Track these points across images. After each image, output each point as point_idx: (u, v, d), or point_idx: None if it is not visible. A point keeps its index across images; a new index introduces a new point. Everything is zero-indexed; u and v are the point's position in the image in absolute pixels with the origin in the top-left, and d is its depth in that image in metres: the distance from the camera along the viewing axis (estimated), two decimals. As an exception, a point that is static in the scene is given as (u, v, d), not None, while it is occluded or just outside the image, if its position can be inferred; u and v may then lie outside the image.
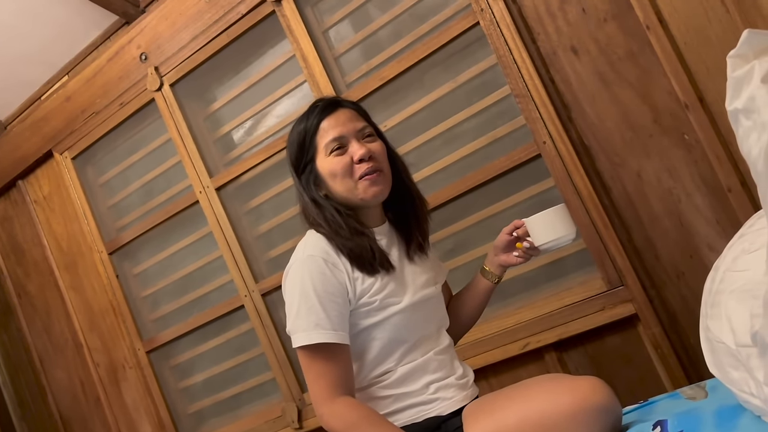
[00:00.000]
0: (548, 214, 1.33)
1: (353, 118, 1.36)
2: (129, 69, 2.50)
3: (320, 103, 1.39)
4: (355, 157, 1.31)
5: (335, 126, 1.33)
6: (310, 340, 1.23)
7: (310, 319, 1.24)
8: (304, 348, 1.25)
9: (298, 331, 1.25)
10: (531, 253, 1.41)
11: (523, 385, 1.28)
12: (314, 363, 1.24)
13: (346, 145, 1.33)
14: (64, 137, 2.70)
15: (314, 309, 1.25)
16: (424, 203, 1.47)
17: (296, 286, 1.28)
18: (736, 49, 0.90)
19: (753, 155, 0.88)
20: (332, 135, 1.33)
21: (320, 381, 1.23)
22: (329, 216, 1.32)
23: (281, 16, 2.17)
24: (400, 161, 1.45)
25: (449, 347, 1.41)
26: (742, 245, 1.13)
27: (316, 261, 1.28)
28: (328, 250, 1.30)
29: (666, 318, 1.73)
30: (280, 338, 2.31)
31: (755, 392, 0.96)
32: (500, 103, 1.93)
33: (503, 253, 1.46)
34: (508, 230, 1.44)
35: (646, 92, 1.70)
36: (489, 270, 1.49)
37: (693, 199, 1.68)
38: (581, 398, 1.12)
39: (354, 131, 1.34)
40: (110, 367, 2.74)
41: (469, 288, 1.54)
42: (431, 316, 1.40)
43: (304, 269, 1.28)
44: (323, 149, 1.34)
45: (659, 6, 1.65)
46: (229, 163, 2.42)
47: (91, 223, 2.70)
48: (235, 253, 2.35)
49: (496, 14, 1.83)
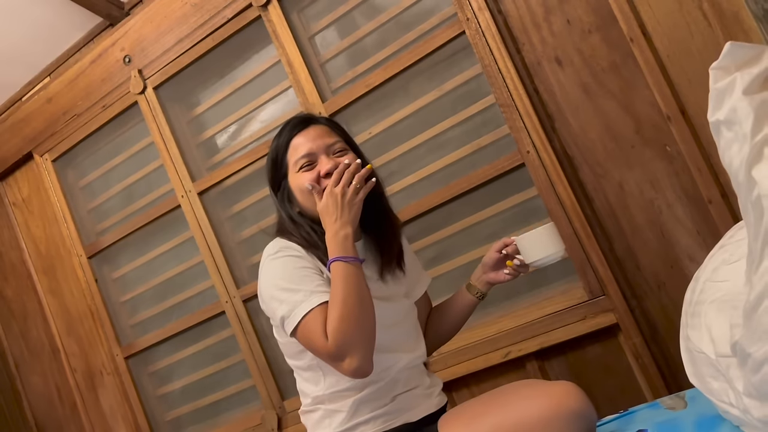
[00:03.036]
0: (539, 232, 1.37)
1: (324, 134, 1.36)
2: (112, 71, 2.48)
3: (292, 119, 1.40)
4: (322, 171, 1.31)
5: (304, 143, 1.34)
6: (312, 304, 1.20)
7: (307, 288, 1.22)
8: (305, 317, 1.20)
9: (299, 304, 1.21)
10: (520, 271, 1.41)
11: (499, 391, 1.29)
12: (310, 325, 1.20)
13: (315, 161, 1.33)
14: (45, 139, 2.67)
15: (304, 281, 1.24)
16: (396, 220, 1.45)
17: (278, 273, 1.27)
18: (718, 61, 0.92)
19: (734, 166, 0.89)
20: (301, 152, 1.33)
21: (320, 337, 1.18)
22: (305, 233, 1.32)
23: (267, 21, 2.16)
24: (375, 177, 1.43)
25: (419, 361, 1.39)
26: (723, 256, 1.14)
27: (288, 251, 1.29)
28: (300, 249, 1.30)
29: (647, 328, 1.74)
30: (261, 345, 2.29)
31: (735, 402, 0.96)
32: (485, 112, 1.94)
33: (492, 270, 1.46)
34: (497, 248, 1.44)
35: (629, 104, 1.72)
36: (475, 286, 1.49)
37: (674, 210, 1.70)
38: (556, 403, 1.12)
39: (324, 147, 1.34)
40: (87, 372, 2.70)
41: (453, 302, 1.54)
42: (401, 329, 1.38)
43: (280, 258, 1.28)
44: (293, 166, 1.35)
45: (643, 19, 1.66)
46: (212, 167, 2.41)
47: (70, 227, 2.67)
48: (217, 258, 2.33)
49: (482, 24, 1.84)
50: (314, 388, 1.33)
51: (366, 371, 1.19)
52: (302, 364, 1.34)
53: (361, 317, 1.19)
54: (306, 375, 1.35)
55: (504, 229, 1.94)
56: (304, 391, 1.37)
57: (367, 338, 1.19)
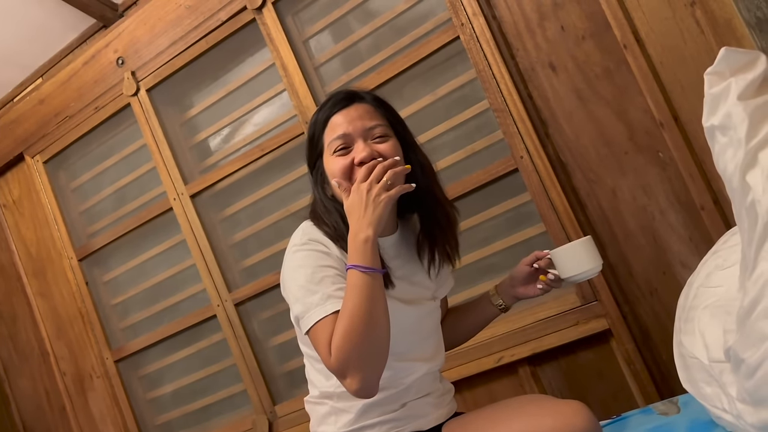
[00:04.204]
0: (575, 245, 1.30)
1: (365, 115, 1.26)
2: (105, 73, 2.47)
3: (336, 95, 1.30)
4: (356, 159, 1.21)
5: (342, 123, 1.24)
6: (326, 311, 1.13)
7: (323, 292, 1.14)
8: (318, 323, 1.13)
9: (313, 307, 1.14)
10: (554, 285, 1.33)
11: (506, 406, 1.27)
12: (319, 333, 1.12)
13: (350, 144, 1.23)
14: (36, 140, 2.65)
15: (324, 282, 1.15)
16: (448, 212, 1.33)
17: (300, 268, 1.19)
18: (713, 66, 0.92)
19: (728, 171, 0.89)
20: (338, 132, 1.24)
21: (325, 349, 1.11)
22: (333, 222, 1.24)
23: (262, 25, 2.16)
24: (426, 166, 1.33)
25: (436, 368, 1.35)
26: (716, 261, 1.14)
27: (315, 245, 1.21)
28: (328, 242, 1.22)
29: (639, 334, 1.74)
30: (252, 349, 2.27)
31: (728, 408, 0.97)
32: (479, 117, 1.94)
33: (522, 285, 1.38)
34: (528, 261, 1.36)
35: (622, 110, 1.72)
36: (501, 299, 1.42)
37: (667, 217, 1.70)
38: (563, 422, 1.10)
39: (362, 130, 1.24)
40: (77, 376, 2.68)
41: (473, 310, 1.48)
42: (424, 333, 1.33)
43: (305, 251, 1.20)
44: (328, 147, 1.25)
45: (636, 26, 1.67)
46: (205, 170, 2.40)
47: (61, 229, 2.65)
48: (209, 261, 2.32)
49: (476, 29, 1.84)
50: (324, 381, 1.28)
51: (369, 393, 1.10)
52: (315, 354, 1.24)
53: (369, 335, 1.08)
54: (318, 366, 1.29)
55: (497, 234, 1.94)
56: (313, 382, 1.32)
57: (373, 358, 1.09)
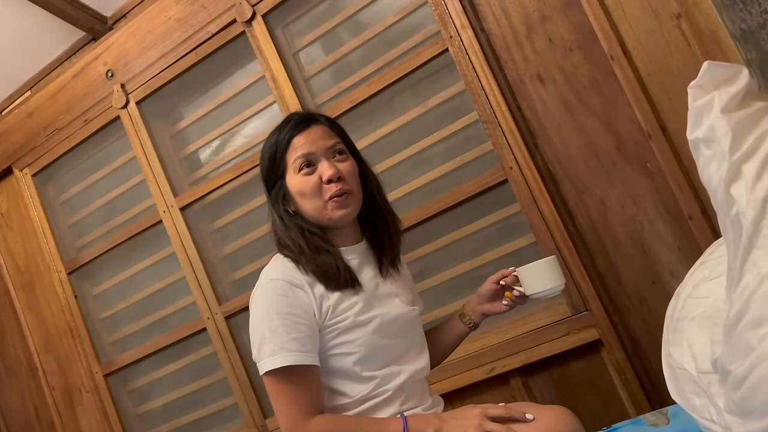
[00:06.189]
0: (540, 264, 1.35)
1: (325, 135, 1.34)
2: (94, 86, 2.46)
3: (294, 117, 1.37)
4: (324, 178, 1.29)
5: (305, 143, 1.31)
6: (275, 364, 1.20)
7: (275, 343, 1.21)
8: (271, 374, 1.21)
9: (264, 357, 1.22)
10: (518, 302, 1.40)
11: None
12: (282, 388, 1.21)
13: (315, 163, 1.31)
14: (25, 153, 2.64)
15: (278, 332, 1.21)
16: (396, 221, 1.45)
17: (259, 312, 1.25)
18: (696, 80, 0.93)
19: (713, 184, 0.89)
20: (301, 152, 1.31)
21: (292, 408, 1.20)
22: (294, 235, 1.31)
23: (251, 37, 2.16)
24: (373, 179, 1.43)
25: (423, 374, 1.38)
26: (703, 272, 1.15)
27: (277, 284, 1.26)
28: (292, 273, 1.28)
29: (629, 343, 1.75)
30: (243, 362, 2.26)
31: (716, 419, 0.97)
32: (468, 129, 1.95)
33: (488, 302, 1.45)
34: (494, 279, 1.43)
35: (610, 121, 1.73)
36: (468, 316, 1.48)
37: (655, 227, 1.71)
38: (548, 428, 1.11)
39: (324, 149, 1.32)
40: (66, 390, 2.65)
41: (443, 330, 1.53)
42: (407, 338, 1.36)
43: (266, 294, 1.26)
44: (293, 166, 1.32)
45: (623, 38, 1.69)
46: (195, 182, 2.39)
47: (50, 242, 2.63)
48: (199, 274, 2.31)
49: (465, 42, 1.85)
50: None
51: None
52: None
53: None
54: None
55: (487, 245, 1.94)
56: None
57: None
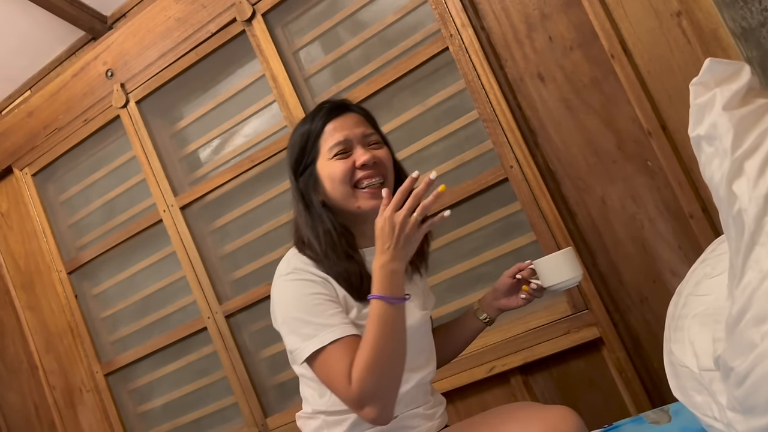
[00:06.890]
0: (557, 256, 1.34)
1: (360, 123, 1.29)
2: (94, 85, 2.46)
3: (327, 104, 1.32)
4: (358, 162, 1.24)
5: (341, 129, 1.27)
6: (323, 342, 1.14)
7: (317, 322, 1.16)
8: (318, 352, 1.15)
9: (307, 339, 1.16)
10: (536, 295, 1.37)
11: (494, 414, 1.27)
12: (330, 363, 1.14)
13: (350, 149, 1.26)
14: (25, 153, 2.64)
15: (314, 312, 1.17)
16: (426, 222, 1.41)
17: (287, 301, 1.21)
18: (698, 77, 0.93)
19: (715, 181, 0.89)
20: (337, 138, 1.26)
21: (342, 379, 1.12)
22: (323, 231, 1.25)
23: (251, 36, 2.16)
24: (404, 174, 1.35)
25: (428, 378, 1.36)
26: (704, 270, 1.15)
27: (299, 273, 1.22)
28: (313, 270, 1.23)
29: (630, 342, 1.75)
30: (244, 361, 2.26)
31: (718, 416, 0.97)
32: (468, 127, 1.95)
33: (505, 296, 1.41)
34: (510, 273, 1.39)
35: (611, 119, 1.73)
36: (484, 311, 1.45)
37: (656, 225, 1.71)
38: (551, 428, 1.11)
39: (360, 136, 1.27)
40: (66, 390, 2.65)
41: (458, 325, 1.49)
42: (418, 345, 1.32)
43: (290, 282, 1.22)
44: (326, 152, 1.27)
45: (623, 36, 1.68)
46: (195, 181, 2.39)
47: (50, 242, 2.63)
48: (199, 273, 2.31)
49: (465, 40, 1.85)
50: (318, 399, 1.29)
51: (387, 421, 1.13)
52: (310, 374, 1.25)
53: (392, 365, 1.11)
54: (312, 385, 1.29)
55: (487, 243, 1.94)
56: (307, 398, 1.33)
57: (394, 388, 1.13)
